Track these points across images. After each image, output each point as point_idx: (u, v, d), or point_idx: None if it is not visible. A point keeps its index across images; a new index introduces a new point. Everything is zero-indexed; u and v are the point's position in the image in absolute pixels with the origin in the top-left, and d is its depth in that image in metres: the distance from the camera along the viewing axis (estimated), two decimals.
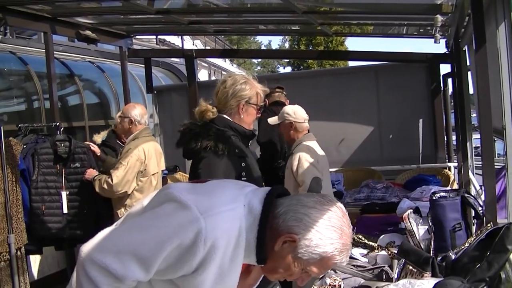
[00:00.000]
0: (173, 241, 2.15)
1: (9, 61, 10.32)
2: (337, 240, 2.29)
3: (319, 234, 2.27)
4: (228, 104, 4.50)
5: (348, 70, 14.89)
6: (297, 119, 6.16)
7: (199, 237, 2.16)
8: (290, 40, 55.26)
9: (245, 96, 4.47)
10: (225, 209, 2.26)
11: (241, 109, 4.48)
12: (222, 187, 2.46)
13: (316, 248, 2.27)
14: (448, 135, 10.36)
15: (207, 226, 2.17)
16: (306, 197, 2.38)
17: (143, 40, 22.77)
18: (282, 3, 7.05)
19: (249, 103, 4.49)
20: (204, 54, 18.85)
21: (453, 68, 9.11)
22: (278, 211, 2.33)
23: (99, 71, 12.70)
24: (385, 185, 8.29)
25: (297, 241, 2.28)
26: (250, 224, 2.31)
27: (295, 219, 2.30)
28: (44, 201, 7.08)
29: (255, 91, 4.51)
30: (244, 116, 4.50)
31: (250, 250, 2.33)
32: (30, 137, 7.34)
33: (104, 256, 2.13)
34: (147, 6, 7.63)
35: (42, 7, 7.80)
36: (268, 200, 2.35)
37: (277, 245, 2.31)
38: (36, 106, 10.31)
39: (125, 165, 6.69)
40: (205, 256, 2.19)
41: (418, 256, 4.11)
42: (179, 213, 2.21)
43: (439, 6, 6.71)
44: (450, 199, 4.64)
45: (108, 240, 2.24)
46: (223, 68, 45.68)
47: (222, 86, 4.58)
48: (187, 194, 2.27)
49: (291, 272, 2.35)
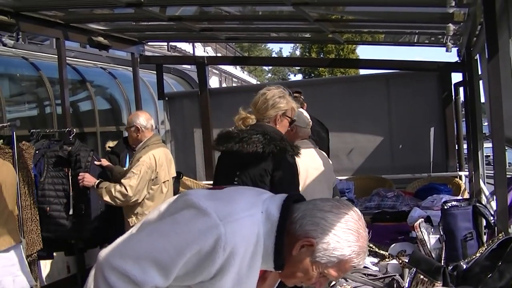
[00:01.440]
0: (193, 248, 2.16)
1: (22, 66, 10.36)
2: (355, 243, 2.30)
3: (337, 238, 2.29)
4: (267, 113, 4.90)
5: (359, 78, 14.87)
6: (298, 123, 5.89)
7: (218, 243, 2.17)
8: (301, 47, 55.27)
9: (283, 108, 4.90)
10: (244, 215, 2.27)
11: (278, 120, 4.91)
12: (240, 194, 2.47)
13: (334, 251, 2.28)
14: (459, 144, 10.33)
15: (226, 232, 2.18)
16: (322, 201, 2.39)
17: (154, 47, 22.82)
18: (294, 11, 7.05)
19: (284, 115, 4.93)
20: (215, 61, 18.88)
21: (465, 77, 9.10)
22: (295, 216, 2.35)
23: (111, 77, 12.73)
24: (396, 194, 8.26)
25: (315, 245, 2.29)
26: (268, 230, 2.32)
27: (312, 224, 2.31)
28: (50, 202, 7.13)
29: (290, 106, 4.95)
30: (279, 126, 4.91)
31: (268, 257, 2.34)
32: (42, 142, 7.38)
33: (124, 262, 2.13)
34: (159, 13, 7.65)
35: (55, 13, 7.84)
36: (285, 207, 2.36)
37: (295, 249, 2.32)
38: (48, 111, 10.33)
39: (137, 174, 6.59)
40: (224, 262, 2.20)
41: (429, 265, 4.10)
42: (198, 219, 2.22)
43: (451, 15, 6.70)
44: (462, 208, 4.64)
45: (127, 246, 2.24)
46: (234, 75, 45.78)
47: (262, 97, 4.95)
48: (206, 201, 2.28)
49: (309, 276, 2.36)
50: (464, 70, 9.02)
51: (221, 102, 11.03)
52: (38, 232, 6.83)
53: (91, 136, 10.95)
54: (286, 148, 4.71)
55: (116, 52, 13.42)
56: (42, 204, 7.07)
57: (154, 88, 12.25)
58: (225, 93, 12.45)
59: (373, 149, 10.37)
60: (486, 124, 7.57)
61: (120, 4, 6.93)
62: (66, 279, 8.59)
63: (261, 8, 8.19)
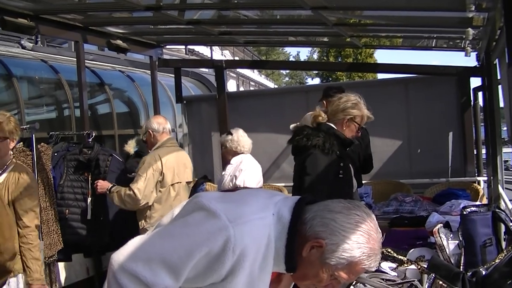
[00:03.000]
0: (202, 249, 2.17)
1: (41, 69, 10.43)
2: (364, 245, 2.29)
3: (346, 239, 2.27)
4: (336, 115, 5.39)
5: (377, 82, 14.81)
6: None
7: (228, 245, 2.17)
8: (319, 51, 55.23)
9: (351, 113, 5.37)
10: (255, 217, 2.28)
11: (345, 123, 5.38)
12: (252, 196, 2.48)
13: (343, 252, 2.27)
14: (478, 148, 10.26)
15: (236, 234, 2.19)
16: (334, 202, 2.38)
17: (172, 50, 22.89)
18: (312, 15, 7.05)
19: (352, 120, 5.39)
20: (234, 65, 18.90)
21: (484, 82, 9.04)
22: (306, 217, 2.35)
23: (129, 81, 12.78)
24: (414, 199, 8.22)
25: (324, 246, 2.28)
26: (279, 232, 2.32)
27: (321, 224, 2.31)
28: (69, 205, 7.16)
29: (361, 113, 5.42)
30: (345, 129, 5.39)
31: (279, 259, 2.34)
32: (61, 145, 7.42)
33: (135, 264, 2.16)
34: (178, 17, 7.66)
35: (74, 16, 7.87)
36: (297, 209, 2.36)
37: (305, 250, 2.32)
38: (66, 114, 10.40)
39: (144, 176, 6.61)
40: (234, 264, 2.20)
41: (448, 271, 4.08)
42: (208, 221, 2.22)
43: (470, 19, 6.66)
44: (481, 214, 4.61)
45: (138, 248, 2.24)
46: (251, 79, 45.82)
47: (337, 100, 5.48)
48: (216, 203, 2.29)
49: (319, 278, 2.34)
50: (483, 75, 8.96)
51: (238, 105, 11.04)
52: (59, 233, 6.88)
53: (109, 138, 10.99)
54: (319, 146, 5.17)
55: (134, 55, 13.47)
56: (61, 207, 7.11)
57: (172, 91, 12.28)
58: (242, 97, 12.44)
59: (391, 154, 10.32)
60: (505, 129, 7.52)
61: (139, 7, 6.95)
62: (84, 281, 8.61)
63: (279, 12, 8.19)
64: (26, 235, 5.13)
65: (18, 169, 5.26)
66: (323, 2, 6.51)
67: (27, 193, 5.16)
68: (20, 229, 5.13)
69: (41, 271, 5.28)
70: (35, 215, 5.23)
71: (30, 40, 12.37)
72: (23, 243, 5.13)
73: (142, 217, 6.78)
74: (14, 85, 9.20)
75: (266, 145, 10.10)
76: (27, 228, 5.13)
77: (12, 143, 5.27)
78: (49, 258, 6.65)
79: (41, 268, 5.28)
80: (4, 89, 9.34)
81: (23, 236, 5.12)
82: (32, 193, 5.22)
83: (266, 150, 10.17)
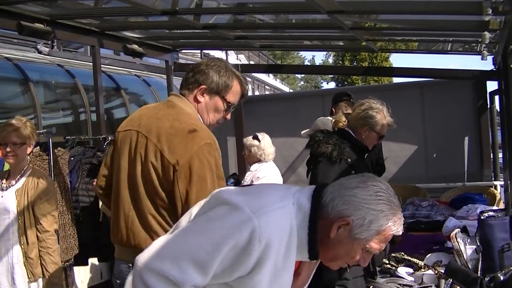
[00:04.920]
0: (229, 242, 2.18)
1: (57, 73, 10.48)
2: (389, 211, 2.32)
3: (370, 210, 2.30)
4: (356, 123, 5.27)
5: (393, 86, 14.82)
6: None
7: (253, 236, 2.19)
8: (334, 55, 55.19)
9: (371, 123, 5.22)
10: (276, 206, 2.29)
11: (364, 131, 5.24)
12: (269, 188, 2.52)
13: (371, 224, 2.30)
14: (495, 152, 10.21)
15: (260, 224, 2.20)
16: (347, 180, 2.42)
17: (188, 54, 22.93)
18: (328, 19, 7.03)
19: (372, 129, 5.24)
20: (249, 69, 18.87)
21: (501, 85, 9.00)
22: (324, 200, 2.36)
23: (145, 85, 12.82)
24: (430, 203, 8.17)
25: (351, 223, 2.30)
26: (301, 221, 2.34)
27: (343, 203, 2.33)
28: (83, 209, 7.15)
29: (381, 122, 5.24)
30: (365, 137, 5.26)
31: (302, 247, 2.36)
32: (77, 149, 7.43)
33: (162, 263, 2.16)
34: (193, 21, 7.66)
35: (91, 21, 7.89)
36: (315, 196, 2.38)
37: (332, 232, 2.33)
38: (82, 118, 10.44)
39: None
40: (261, 255, 2.21)
41: (466, 277, 4.06)
42: (231, 214, 2.24)
43: (486, 22, 6.63)
44: (499, 218, 4.58)
45: (164, 247, 2.25)
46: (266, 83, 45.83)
47: (358, 107, 5.35)
48: (237, 196, 2.31)
49: (352, 254, 2.37)
50: (500, 78, 8.93)
51: (254, 109, 11.04)
52: (75, 237, 6.88)
53: None
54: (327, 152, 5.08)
55: (149, 59, 13.50)
56: (76, 210, 7.12)
57: None
58: (258, 101, 12.46)
59: (407, 158, 10.30)
60: None
61: (155, 12, 6.96)
62: (99, 285, 8.63)
63: (294, 16, 8.18)
64: (45, 239, 5.16)
65: (37, 174, 5.31)
66: (339, 6, 6.49)
67: (46, 197, 5.19)
68: (39, 234, 5.15)
69: (60, 276, 5.29)
70: (53, 220, 5.26)
71: (46, 45, 12.44)
72: (42, 247, 5.15)
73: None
74: (31, 90, 9.24)
75: (282, 149, 10.08)
76: (46, 233, 5.16)
77: (29, 148, 5.32)
78: (65, 262, 6.66)
79: (60, 273, 5.29)
80: (21, 93, 9.39)
81: (42, 241, 5.15)
82: (50, 198, 5.26)
83: (282, 154, 10.15)
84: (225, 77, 3.56)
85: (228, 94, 3.60)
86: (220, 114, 3.70)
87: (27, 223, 5.13)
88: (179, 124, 3.38)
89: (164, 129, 3.37)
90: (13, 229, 5.15)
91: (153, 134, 3.38)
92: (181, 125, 3.38)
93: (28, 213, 5.12)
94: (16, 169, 5.30)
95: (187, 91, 3.56)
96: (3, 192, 5.22)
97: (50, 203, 5.23)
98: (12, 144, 5.16)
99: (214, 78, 3.54)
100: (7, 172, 5.43)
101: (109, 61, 12.08)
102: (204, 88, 3.53)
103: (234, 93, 3.64)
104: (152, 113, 3.53)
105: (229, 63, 3.73)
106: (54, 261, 5.20)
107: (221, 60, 3.72)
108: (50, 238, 5.19)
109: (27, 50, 11.71)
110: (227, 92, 3.59)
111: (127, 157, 3.47)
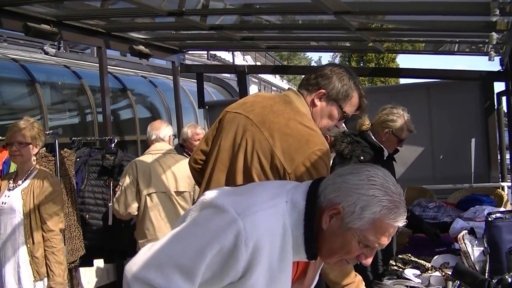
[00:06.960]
0: (213, 246, 2.10)
1: (63, 74, 10.48)
2: (383, 197, 2.17)
3: (361, 196, 2.17)
4: (378, 126, 5.61)
5: (400, 87, 14.77)
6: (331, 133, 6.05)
7: (239, 239, 2.10)
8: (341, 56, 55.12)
9: (391, 126, 5.55)
10: (265, 206, 2.20)
11: (385, 135, 5.58)
12: (262, 186, 2.43)
13: (363, 211, 2.16)
14: (502, 154, 10.17)
15: (246, 226, 2.12)
16: (343, 168, 2.31)
17: (194, 55, 22.93)
18: (335, 20, 7.02)
19: (392, 133, 5.57)
20: (256, 70, 18.86)
21: (508, 86, 8.98)
22: (318, 192, 2.27)
23: (152, 86, 12.82)
24: (437, 204, 8.13)
25: (342, 210, 2.19)
26: (295, 220, 2.23)
27: (334, 190, 2.23)
28: (89, 210, 7.15)
29: (401, 127, 5.56)
30: (385, 140, 5.60)
31: (299, 247, 2.25)
32: (83, 150, 7.43)
33: (147, 271, 2.11)
34: (200, 22, 7.66)
35: (97, 22, 7.91)
36: (311, 194, 2.28)
37: (324, 223, 2.23)
38: (89, 119, 10.43)
39: (121, 185, 6.33)
40: (250, 259, 2.13)
41: (473, 279, 4.02)
42: (216, 217, 2.16)
43: (494, 23, 6.61)
44: (507, 220, 4.55)
45: (149, 255, 2.19)
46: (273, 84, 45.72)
47: (381, 111, 5.68)
48: (223, 197, 2.25)
49: (348, 248, 2.23)
50: (507, 79, 8.90)
51: None
52: (81, 238, 6.88)
53: (132, 144, 11.01)
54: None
55: (156, 60, 13.50)
56: (81, 212, 7.11)
57: (195, 97, 12.30)
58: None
59: (414, 159, 10.26)
60: None
61: (161, 13, 6.96)
62: (106, 286, 8.64)
63: (301, 17, 8.16)
64: (50, 239, 5.18)
65: (42, 175, 5.34)
66: (346, 7, 6.48)
67: (52, 197, 5.22)
68: (45, 233, 5.18)
69: (64, 276, 5.30)
70: (59, 219, 5.28)
71: (52, 46, 12.46)
72: (47, 246, 5.17)
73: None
74: (37, 91, 9.25)
75: None
76: (51, 232, 5.18)
77: (35, 149, 5.35)
78: (71, 264, 6.66)
79: (64, 273, 5.30)
80: (27, 94, 9.40)
81: (47, 240, 5.18)
82: (56, 197, 5.28)
83: None
84: (347, 86, 3.49)
85: (346, 104, 3.51)
86: (333, 122, 3.56)
87: (33, 223, 5.16)
88: (295, 125, 3.28)
89: (278, 125, 3.27)
90: (20, 229, 5.19)
91: (266, 127, 3.28)
92: (297, 126, 3.28)
93: (34, 213, 5.16)
94: (22, 169, 5.37)
95: (306, 92, 3.48)
96: (9, 192, 5.28)
97: (55, 203, 5.25)
98: (18, 144, 5.24)
99: (336, 85, 3.46)
100: (14, 173, 5.50)
101: (115, 62, 12.08)
102: (323, 93, 3.45)
103: (352, 104, 3.56)
104: (267, 104, 3.44)
105: (354, 72, 3.64)
106: (58, 261, 5.21)
107: (347, 69, 3.65)
108: (55, 238, 5.21)
109: (33, 51, 11.73)
110: (346, 102, 3.51)
111: (232, 139, 3.39)
